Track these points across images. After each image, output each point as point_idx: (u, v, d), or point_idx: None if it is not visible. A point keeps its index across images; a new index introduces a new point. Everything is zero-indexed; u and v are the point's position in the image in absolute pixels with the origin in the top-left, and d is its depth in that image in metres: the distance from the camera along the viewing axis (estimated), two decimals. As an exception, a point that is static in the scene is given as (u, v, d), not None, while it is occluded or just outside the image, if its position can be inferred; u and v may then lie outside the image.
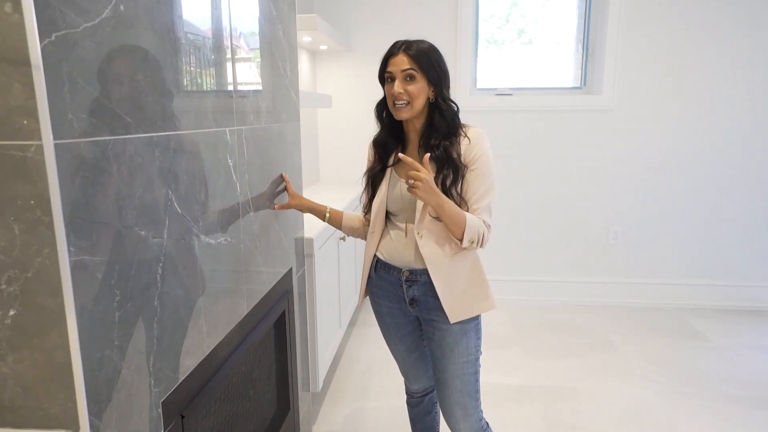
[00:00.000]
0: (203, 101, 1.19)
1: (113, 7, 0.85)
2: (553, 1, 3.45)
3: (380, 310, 1.62)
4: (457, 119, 1.45)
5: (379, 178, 1.53)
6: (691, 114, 3.33)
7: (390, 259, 1.52)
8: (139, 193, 0.94)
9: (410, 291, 1.51)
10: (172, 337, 1.06)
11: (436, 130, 1.43)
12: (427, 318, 1.51)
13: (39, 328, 0.78)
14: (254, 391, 1.65)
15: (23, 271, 0.76)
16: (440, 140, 1.42)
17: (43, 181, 0.73)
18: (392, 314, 1.60)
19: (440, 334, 1.48)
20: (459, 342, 1.47)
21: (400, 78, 1.39)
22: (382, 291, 1.58)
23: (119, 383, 0.89)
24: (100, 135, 0.82)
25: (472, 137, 1.43)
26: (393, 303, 1.57)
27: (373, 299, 1.64)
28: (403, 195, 1.47)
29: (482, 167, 1.42)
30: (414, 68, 1.38)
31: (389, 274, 1.54)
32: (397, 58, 1.40)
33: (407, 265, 1.49)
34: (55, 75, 0.73)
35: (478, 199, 1.41)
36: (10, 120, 0.71)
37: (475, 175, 1.41)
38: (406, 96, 1.39)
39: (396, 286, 1.53)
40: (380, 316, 1.64)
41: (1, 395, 0.80)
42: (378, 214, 1.53)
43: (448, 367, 1.49)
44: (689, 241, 3.48)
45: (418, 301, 1.51)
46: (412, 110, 1.41)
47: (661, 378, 2.60)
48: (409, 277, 1.49)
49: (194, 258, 1.15)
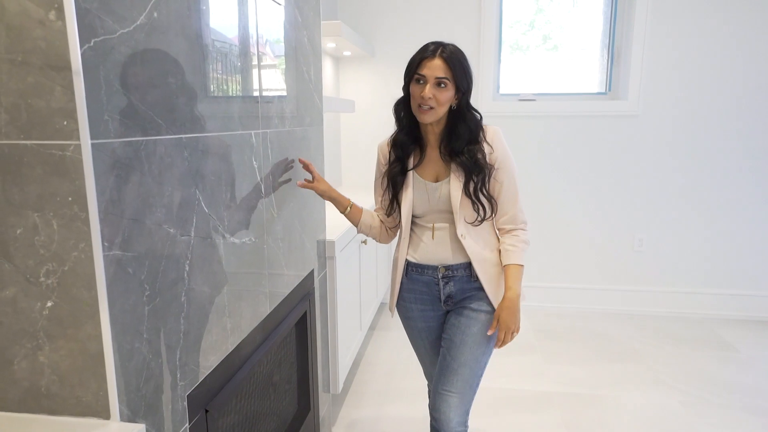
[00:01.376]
0: (230, 105, 1.23)
1: (147, 14, 0.89)
2: (578, 7, 3.43)
3: (411, 315, 1.61)
4: (479, 127, 1.47)
5: (399, 180, 1.53)
6: (718, 120, 3.26)
7: (423, 260, 1.54)
8: (168, 192, 0.97)
9: (447, 288, 1.53)
10: (198, 332, 1.10)
11: (459, 137, 1.44)
12: (458, 307, 1.53)
13: (74, 319, 0.82)
14: (275, 391, 1.68)
15: (60, 265, 0.80)
16: (464, 146, 1.44)
17: (81, 179, 0.77)
18: (425, 317, 1.59)
19: (466, 321, 1.50)
20: (483, 332, 1.48)
21: (432, 83, 1.38)
22: (415, 294, 1.58)
23: (147, 375, 0.92)
24: (133, 136, 0.86)
25: (491, 136, 1.46)
26: (426, 305, 1.58)
27: (402, 305, 1.63)
28: (430, 198, 1.49)
29: (507, 165, 1.47)
30: (448, 77, 1.38)
31: (423, 275, 1.55)
32: (433, 62, 1.38)
33: (443, 262, 1.51)
34: (93, 79, 0.77)
35: (510, 200, 1.50)
36: (51, 121, 0.76)
37: (503, 174, 1.47)
38: (434, 101, 1.39)
39: (431, 286, 1.55)
40: (411, 322, 1.63)
41: (38, 383, 0.84)
42: (407, 220, 1.53)
43: (462, 355, 1.48)
44: (716, 250, 3.41)
45: (454, 296, 1.53)
46: (436, 115, 1.41)
47: (688, 388, 2.54)
48: (446, 274, 1.52)
49: (219, 256, 1.19)
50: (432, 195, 1.49)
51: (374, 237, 1.69)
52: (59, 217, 0.79)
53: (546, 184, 3.48)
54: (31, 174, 0.78)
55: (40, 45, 0.73)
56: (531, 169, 3.46)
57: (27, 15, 0.73)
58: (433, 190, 1.49)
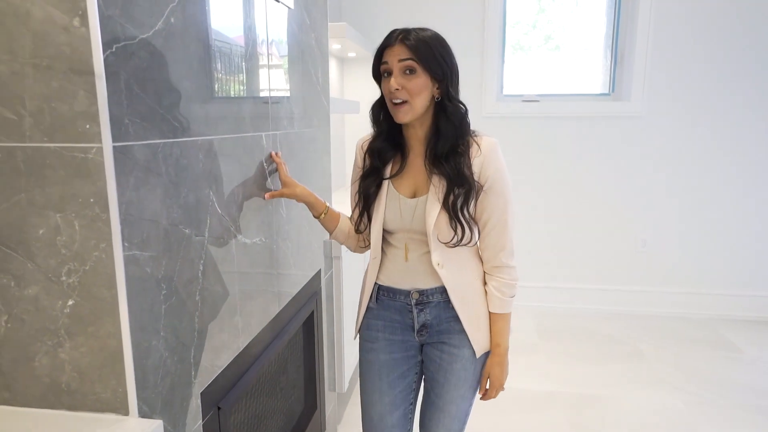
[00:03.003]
0: (242, 107, 1.25)
1: (165, 19, 0.91)
2: (580, 7, 3.45)
3: (375, 345, 1.38)
4: (465, 122, 1.25)
5: (372, 192, 1.31)
6: (722, 121, 3.27)
7: (393, 284, 1.34)
8: (184, 193, 0.99)
9: (421, 315, 1.32)
10: (212, 331, 1.12)
11: (443, 136, 1.22)
12: (437, 341, 1.33)
13: (94, 317, 0.84)
14: (283, 389, 1.70)
15: (82, 264, 0.82)
16: (448, 150, 1.22)
17: (102, 181, 0.79)
18: (391, 348, 1.37)
19: (449, 359, 1.32)
20: (467, 369, 1.32)
21: (398, 71, 1.18)
22: (383, 322, 1.37)
23: (164, 372, 0.94)
24: (152, 138, 0.88)
25: (485, 149, 1.23)
26: (395, 334, 1.36)
27: (366, 333, 1.41)
28: (403, 215, 1.27)
29: (499, 187, 1.23)
30: (413, 59, 1.17)
31: (395, 300, 1.34)
32: (394, 49, 1.19)
33: (414, 286, 1.31)
34: (115, 83, 0.79)
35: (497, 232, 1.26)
36: (74, 124, 0.78)
37: (492, 197, 1.23)
38: (404, 93, 1.18)
39: (403, 313, 1.34)
40: (373, 354, 1.39)
41: (59, 379, 0.86)
42: (377, 237, 1.32)
43: (447, 393, 1.34)
44: (721, 250, 3.42)
45: (429, 326, 1.33)
46: (413, 111, 1.20)
47: (692, 388, 2.56)
48: (420, 299, 1.31)
49: (231, 256, 1.21)
50: (406, 213, 1.27)
51: (349, 247, 1.48)
52: (81, 218, 0.81)
53: (549, 184, 3.50)
54: (54, 176, 0.80)
55: (65, 50, 0.75)
56: (534, 170, 3.47)
57: (52, 21, 0.75)
58: (408, 208, 1.27)
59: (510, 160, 1.21)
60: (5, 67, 0.77)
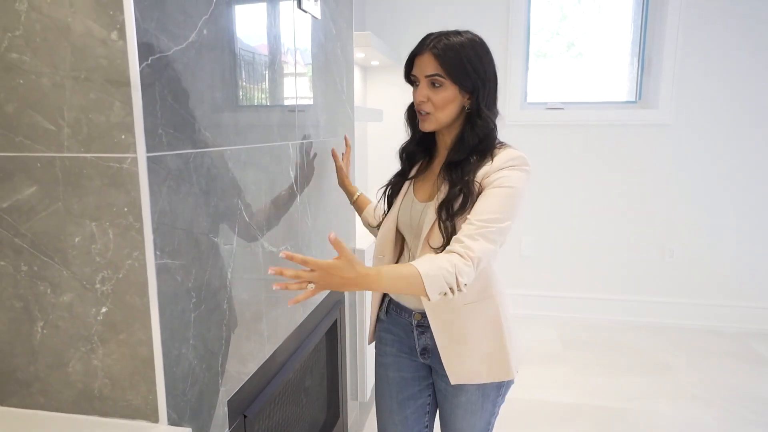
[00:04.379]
0: (270, 117, 1.26)
1: (198, 31, 0.93)
2: (603, 14, 3.41)
3: (384, 361, 1.35)
4: (491, 136, 1.17)
5: (395, 190, 1.31)
6: (752, 128, 3.19)
7: (400, 299, 1.28)
8: (214, 203, 1.00)
9: (422, 339, 1.26)
10: (238, 339, 1.12)
11: (464, 146, 1.16)
12: (441, 372, 1.26)
13: (126, 324, 0.85)
14: (306, 397, 1.70)
15: (115, 272, 0.84)
16: (464, 156, 1.15)
17: (136, 190, 0.80)
18: (399, 366, 1.32)
19: (453, 390, 1.26)
20: (474, 403, 1.25)
21: (424, 83, 1.15)
22: (392, 337, 1.33)
23: (193, 380, 0.95)
24: (184, 148, 0.90)
25: (498, 159, 1.13)
26: (402, 352, 1.31)
27: (378, 347, 1.37)
28: (412, 217, 1.23)
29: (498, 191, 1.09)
30: (440, 74, 1.12)
31: (401, 316, 1.29)
32: (423, 58, 1.14)
33: (417, 306, 1.24)
34: (150, 94, 0.80)
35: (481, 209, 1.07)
36: (110, 135, 0.79)
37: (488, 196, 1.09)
38: (429, 105, 1.15)
39: (408, 332, 1.29)
40: (383, 369, 1.35)
41: (92, 385, 0.88)
42: (386, 235, 1.26)
43: (455, 423, 1.30)
44: (751, 261, 3.32)
45: (431, 351, 1.26)
46: (437, 122, 1.17)
47: (722, 403, 2.48)
48: (421, 322, 1.24)
49: (258, 265, 1.21)
50: (415, 216, 1.23)
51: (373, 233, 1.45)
52: (115, 227, 0.82)
53: (575, 193, 3.45)
54: (90, 185, 0.81)
55: (102, 63, 0.77)
56: (560, 179, 3.43)
57: (91, 35, 0.77)
58: (416, 212, 1.23)
59: (534, 168, 1.17)
60: (47, 80, 0.79)
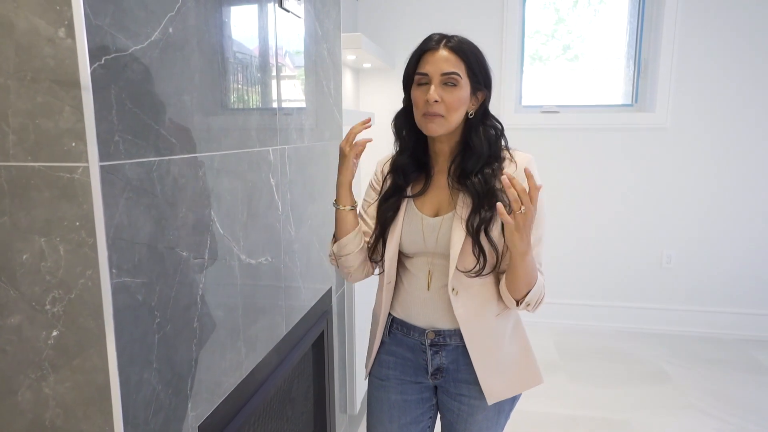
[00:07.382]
0: (247, 121, 1.19)
1: (162, 29, 0.86)
2: (600, 17, 3.35)
3: (386, 384, 1.26)
4: (499, 142, 1.15)
5: (390, 215, 1.18)
6: (750, 133, 3.14)
7: (407, 317, 1.21)
8: (182, 214, 0.93)
9: (436, 359, 1.19)
10: (211, 358, 1.05)
11: (475, 153, 1.11)
12: (455, 392, 1.21)
13: (79, 349, 0.78)
14: (292, 411, 1.63)
15: (67, 292, 0.76)
16: (479, 166, 1.10)
17: (89, 203, 0.73)
18: (403, 389, 1.24)
19: (468, 410, 1.20)
20: (490, 420, 1.20)
21: (438, 82, 1.08)
22: (395, 359, 1.25)
23: (156, 407, 0.88)
24: (145, 156, 0.83)
25: (521, 163, 1.11)
26: (407, 375, 1.24)
27: (377, 370, 1.29)
28: (426, 236, 1.14)
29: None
30: (458, 72, 1.07)
31: (408, 336, 1.21)
32: (437, 55, 1.08)
33: (431, 324, 1.18)
34: (104, 98, 0.73)
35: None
36: (59, 142, 0.72)
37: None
38: (441, 107, 1.07)
39: (417, 352, 1.21)
40: (383, 392, 1.26)
41: (43, 415, 0.80)
42: (393, 259, 1.18)
43: None
44: (751, 267, 3.26)
45: (445, 371, 1.20)
46: (447, 125, 1.10)
47: (721, 413, 2.42)
48: (436, 341, 1.18)
49: (235, 278, 1.14)
50: (428, 233, 1.14)
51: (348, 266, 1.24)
52: (66, 243, 0.75)
53: (570, 198, 3.39)
54: (39, 197, 0.74)
55: (50, 63, 0.70)
56: (555, 183, 3.37)
57: (36, 33, 0.69)
58: (431, 228, 1.14)
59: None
60: (-13, 82, 0.72)
